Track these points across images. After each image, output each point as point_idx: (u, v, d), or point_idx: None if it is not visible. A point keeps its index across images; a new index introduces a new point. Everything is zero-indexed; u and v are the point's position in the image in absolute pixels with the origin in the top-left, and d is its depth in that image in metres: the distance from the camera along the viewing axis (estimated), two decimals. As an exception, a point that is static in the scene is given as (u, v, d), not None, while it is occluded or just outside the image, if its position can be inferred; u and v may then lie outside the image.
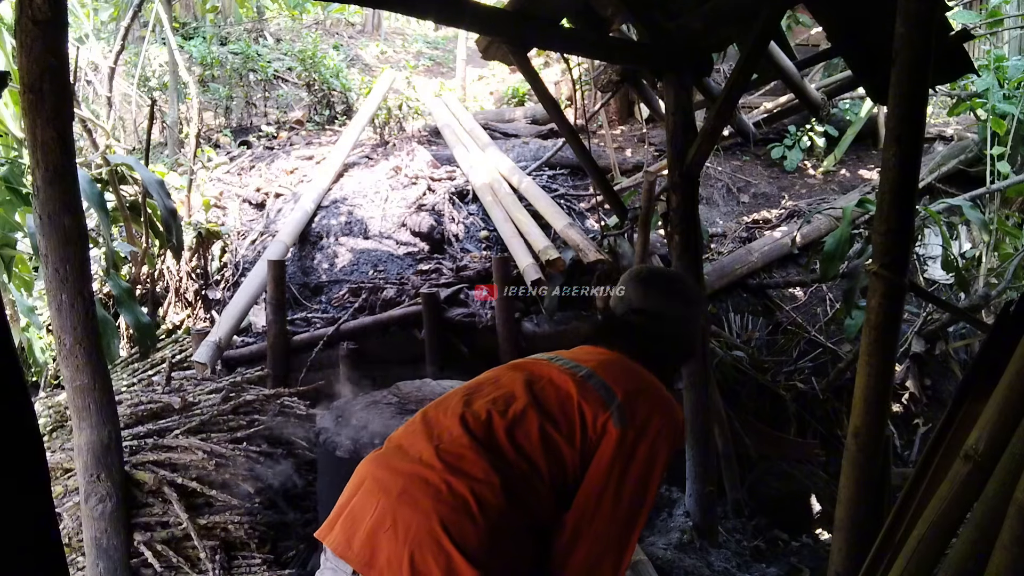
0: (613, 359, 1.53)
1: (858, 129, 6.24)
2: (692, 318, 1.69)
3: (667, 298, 1.67)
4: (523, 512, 1.33)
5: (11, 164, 3.25)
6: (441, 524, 1.26)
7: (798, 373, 4.24)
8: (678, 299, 1.67)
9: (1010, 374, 1.22)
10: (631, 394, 1.41)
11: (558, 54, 4.90)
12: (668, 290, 1.70)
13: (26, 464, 0.73)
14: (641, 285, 1.69)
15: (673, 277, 1.83)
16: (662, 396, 1.47)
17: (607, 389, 1.42)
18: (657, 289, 1.69)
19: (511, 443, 1.36)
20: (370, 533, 1.32)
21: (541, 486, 1.34)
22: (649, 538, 2.98)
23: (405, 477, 1.35)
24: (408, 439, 1.45)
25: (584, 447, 1.37)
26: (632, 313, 1.65)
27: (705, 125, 2.65)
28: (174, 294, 4.50)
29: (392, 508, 1.32)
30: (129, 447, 2.52)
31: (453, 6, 2.22)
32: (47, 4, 1.87)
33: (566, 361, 1.52)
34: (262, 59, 8.29)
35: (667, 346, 1.64)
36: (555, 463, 1.36)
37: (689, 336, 1.69)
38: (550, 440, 1.37)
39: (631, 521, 1.36)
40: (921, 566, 1.30)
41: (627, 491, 1.35)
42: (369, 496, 1.37)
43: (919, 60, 1.48)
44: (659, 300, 1.66)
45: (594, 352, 1.57)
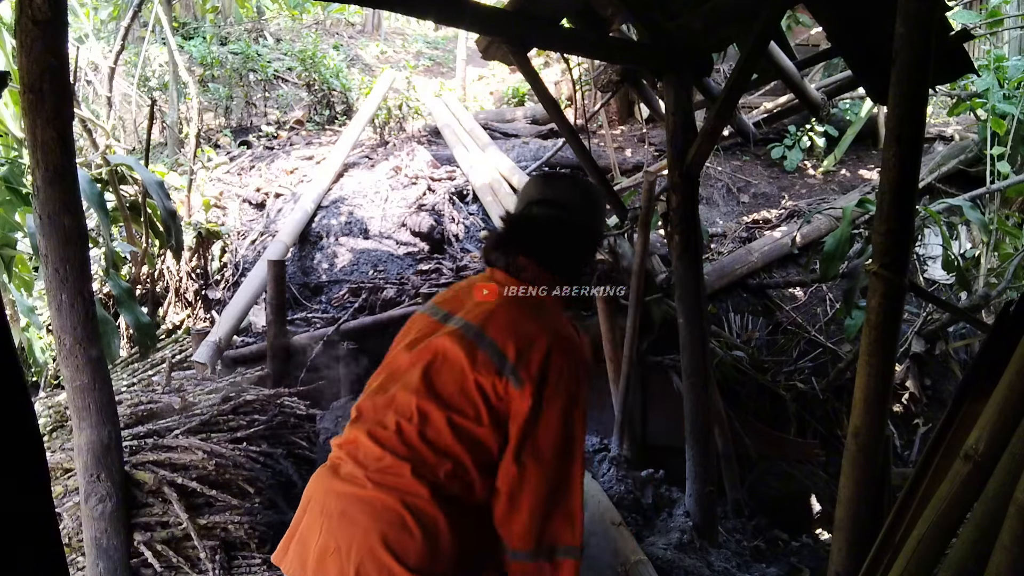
0: (504, 304, 1.48)
1: (858, 129, 6.24)
2: (595, 206, 1.65)
3: (569, 187, 1.63)
4: (461, 507, 1.35)
5: (11, 164, 3.25)
6: (381, 542, 1.30)
7: (798, 373, 4.24)
8: (579, 187, 1.64)
9: (1010, 374, 1.22)
10: (522, 349, 1.38)
11: (558, 54, 4.91)
12: (569, 182, 1.68)
13: (26, 464, 0.73)
14: (541, 181, 1.65)
15: (571, 174, 1.79)
16: (556, 334, 1.43)
17: (498, 352, 1.38)
18: (558, 180, 1.67)
19: (426, 445, 1.37)
20: (319, 558, 1.35)
21: (471, 475, 1.36)
22: (649, 538, 2.98)
23: (343, 499, 1.37)
24: (342, 457, 1.45)
25: (494, 419, 1.37)
26: (534, 205, 1.58)
27: (705, 125, 2.65)
28: (174, 294, 4.50)
29: (334, 531, 1.35)
30: (129, 447, 2.52)
31: (453, 6, 2.22)
32: (47, 4, 1.87)
33: (457, 320, 1.48)
34: (262, 59, 8.29)
35: (573, 238, 1.58)
36: (475, 448, 1.37)
37: (596, 227, 1.65)
38: (460, 430, 1.37)
39: (563, 467, 1.36)
40: (921, 566, 1.30)
41: (548, 443, 1.35)
42: (314, 519, 1.40)
43: (919, 60, 1.48)
44: (562, 190, 1.61)
45: (487, 294, 1.52)
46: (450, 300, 1.56)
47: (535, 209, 1.57)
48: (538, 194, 1.58)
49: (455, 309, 1.52)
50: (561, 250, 1.56)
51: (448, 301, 1.56)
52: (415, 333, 1.53)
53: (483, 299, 1.51)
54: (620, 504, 3.16)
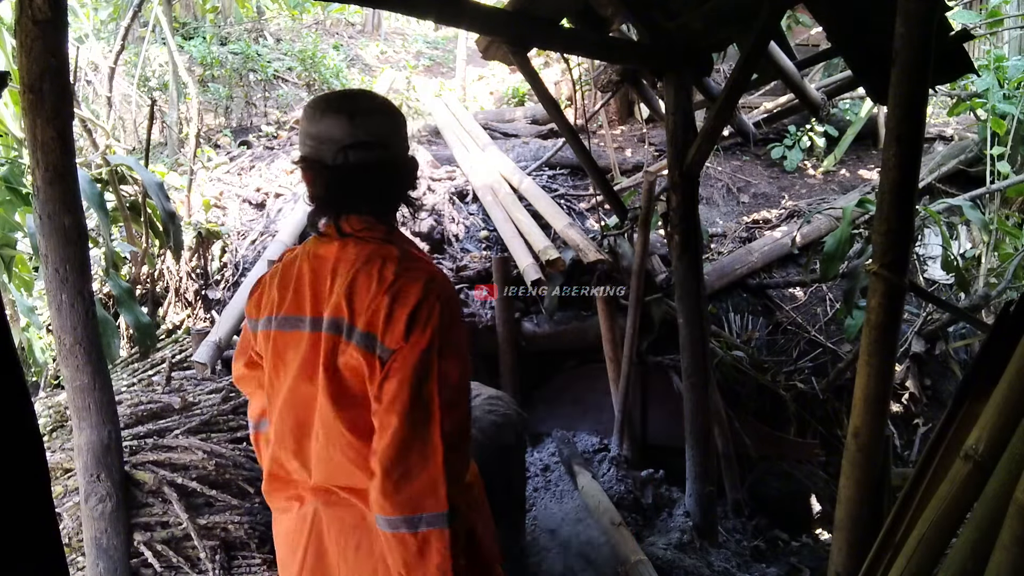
0: (354, 275, 1.29)
1: (858, 129, 6.24)
2: (402, 125, 1.40)
3: (377, 117, 1.35)
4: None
5: (11, 164, 3.25)
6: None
7: (798, 373, 4.23)
8: (385, 112, 1.37)
9: (1010, 374, 1.23)
10: (387, 317, 1.24)
11: (558, 54, 4.91)
12: (370, 105, 1.35)
13: (26, 464, 0.73)
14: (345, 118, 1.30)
15: (362, 91, 1.43)
16: (412, 283, 1.27)
17: (365, 336, 1.26)
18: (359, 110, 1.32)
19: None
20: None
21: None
22: (649, 538, 2.98)
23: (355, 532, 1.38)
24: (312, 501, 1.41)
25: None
26: (349, 151, 1.30)
27: (705, 125, 2.65)
28: (174, 294, 4.50)
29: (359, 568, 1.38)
30: (129, 447, 2.52)
31: (453, 6, 2.22)
32: (47, 4, 1.87)
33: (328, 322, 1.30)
34: (262, 59, 8.28)
35: (399, 176, 1.39)
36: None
37: (407, 152, 1.42)
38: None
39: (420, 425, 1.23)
40: (921, 566, 1.30)
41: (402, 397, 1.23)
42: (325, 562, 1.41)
43: (919, 60, 1.48)
44: (373, 124, 1.33)
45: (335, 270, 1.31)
46: (292, 298, 1.36)
47: (351, 156, 1.30)
48: (347, 135, 1.29)
49: (310, 307, 1.34)
50: (392, 195, 1.39)
51: (291, 301, 1.37)
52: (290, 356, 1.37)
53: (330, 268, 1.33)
54: (620, 504, 3.16)
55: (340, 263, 1.32)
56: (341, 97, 1.37)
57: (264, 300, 1.43)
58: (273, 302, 1.39)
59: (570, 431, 3.99)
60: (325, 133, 1.31)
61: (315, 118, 1.33)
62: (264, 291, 1.44)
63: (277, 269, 1.43)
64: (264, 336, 1.41)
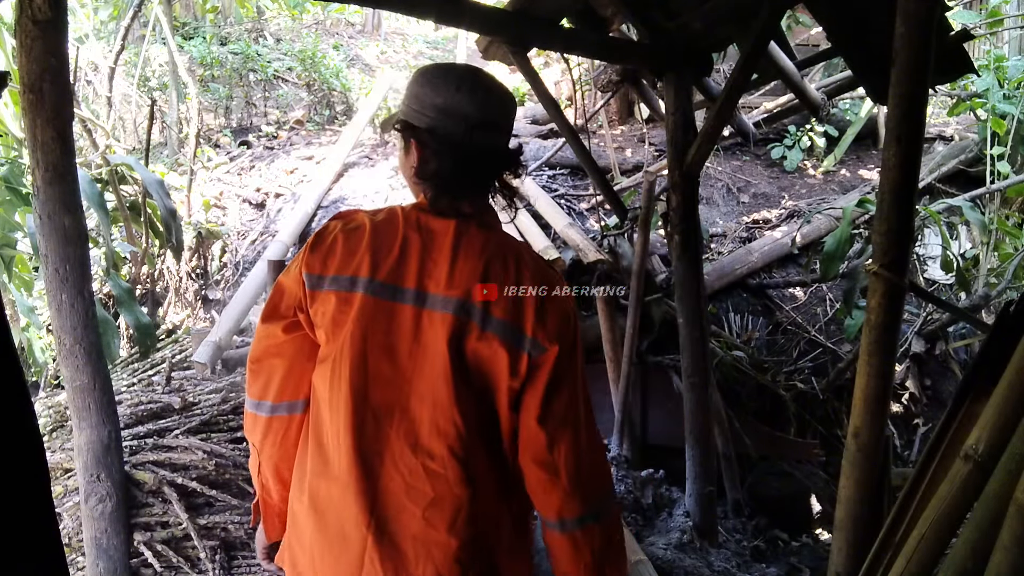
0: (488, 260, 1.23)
1: (858, 129, 6.24)
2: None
3: (502, 99, 1.30)
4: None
5: (11, 164, 3.25)
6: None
7: (798, 373, 4.24)
8: (505, 95, 1.31)
9: (1010, 374, 1.22)
10: (538, 312, 1.21)
11: (558, 54, 4.91)
12: (499, 90, 1.30)
13: (26, 464, 0.73)
14: (482, 94, 1.25)
15: (477, 69, 1.33)
16: (555, 280, 1.27)
17: (506, 326, 1.20)
18: (490, 92, 1.27)
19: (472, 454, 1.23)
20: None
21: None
22: (649, 538, 2.98)
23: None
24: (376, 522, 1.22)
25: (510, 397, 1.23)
26: (477, 130, 1.24)
27: (705, 125, 2.65)
28: (174, 294, 4.50)
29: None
30: (129, 447, 2.52)
31: (453, 6, 2.22)
32: (47, 4, 1.87)
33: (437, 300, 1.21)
34: (262, 59, 8.29)
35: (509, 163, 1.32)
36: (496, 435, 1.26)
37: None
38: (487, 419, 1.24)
39: (589, 418, 1.28)
40: (921, 566, 1.30)
41: (574, 397, 1.25)
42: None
43: (919, 60, 1.48)
44: (501, 107, 1.29)
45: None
46: (394, 265, 1.22)
47: (479, 136, 1.25)
48: (479, 113, 1.24)
49: (415, 280, 1.22)
50: (503, 181, 1.34)
51: (392, 268, 1.22)
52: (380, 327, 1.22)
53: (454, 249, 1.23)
54: (620, 504, 3.16)
55: (464, 244, 1.23)
56: (472, 72, 1.29)
57: (338, 256, 1.23)
58: (361, 262, 1.21)
59: (570, 431, 3.98)
60: (455, 107, 1.23)
61: (446, 89, 1.24)
62: (337, 245, 1.24)
63: (360, 225, 1.26)
64: (338, 298, 1.22)
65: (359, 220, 1.28)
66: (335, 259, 1.23)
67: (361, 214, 1.29)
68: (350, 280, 1.22)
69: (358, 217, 1.29)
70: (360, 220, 1.27)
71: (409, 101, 1.28)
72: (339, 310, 1.22)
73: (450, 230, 1.25)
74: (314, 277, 1.24)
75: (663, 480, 3.43)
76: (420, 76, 1.29)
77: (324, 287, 1.23)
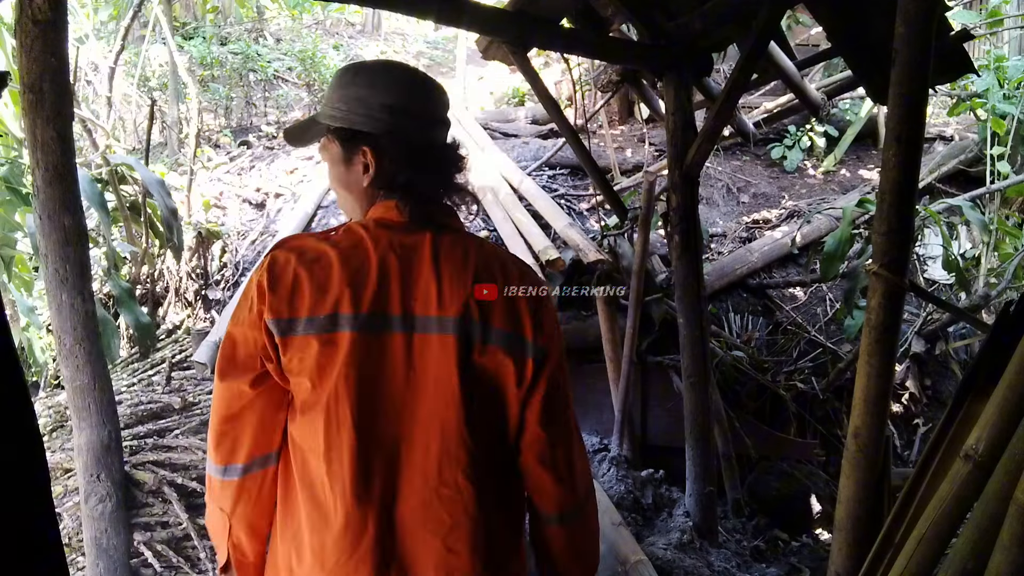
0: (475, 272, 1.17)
1: (858, 129, 6.24)
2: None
3: (439, 92, 1.24)
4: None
5: (11, 164, 3.25)
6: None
7: (798, 373, 4.24)
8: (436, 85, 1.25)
9: (1010, 374, 1.22)
10: (533, 315, 1.18)
11: (558, 54, 4.91)
12: (430, 83, 1.24)
13: (26, 464, 0.73)
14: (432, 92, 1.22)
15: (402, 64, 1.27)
16: (536, 279, 1.23)
17: (508, 336, 1.16)
18: (425, 86, 1.22)
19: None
20: None
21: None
22: (649, 538, 2.98)
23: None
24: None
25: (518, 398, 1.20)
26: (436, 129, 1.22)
27: (705, 125, 2.65)
28: (174, 294, 4.50)
29: None
30: (129, 447, 2.52)
31: (453, 6, 2.22)
32: (47, 4, 1.87)
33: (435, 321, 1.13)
34: (262, 59, 8.29)
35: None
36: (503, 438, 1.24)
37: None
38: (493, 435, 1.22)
39: (571, 414, 1.29)
40: (921, 566, 1.30)
41: (566, 396, 1.25)
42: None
43: (919, 60, 1.48)
44: (441, 99, 1.24)
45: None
46: (375, 294, 1.13)
47: (434, 134, 1.21)
48: (430, 110, 1.21)
49: (399, 306, 1.13)
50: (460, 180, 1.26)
51: (374, 297, 1.12)
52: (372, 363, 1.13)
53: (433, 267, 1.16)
54: (620, 504, 3.16)
55: (445, 257, 1.16)
56: (408, 67, 1.23)
57: (307, 295, 1.11)
58: (339, 297, 1.10)
59: (570, 431, 3.99)
60: (407, 105, 1.17)
61: (396, 87, 1.17)
62: (302, 283, 1.11)
63: (321, 254, 1.13)
64: (319, 341, 1.10)
65: (318, 249, 1.14)
66: (304, 298, 1.10)
67: (312, 241, 1.16)
68: (329, 319, 1.10)
69: (312, 245, 1.15)
70: (319, 249, 1.14)
71: (347, 105, 1.17)
72: (323, 354, 1.10)
73: (426, 244, 1.16)
74: (283, 322, 1.10)
75: (663, 480, 3.43)
76: (356, 76, 1.19)
77: (299, 331, 1.10)
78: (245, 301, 1.15)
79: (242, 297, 1.16)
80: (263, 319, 1.11)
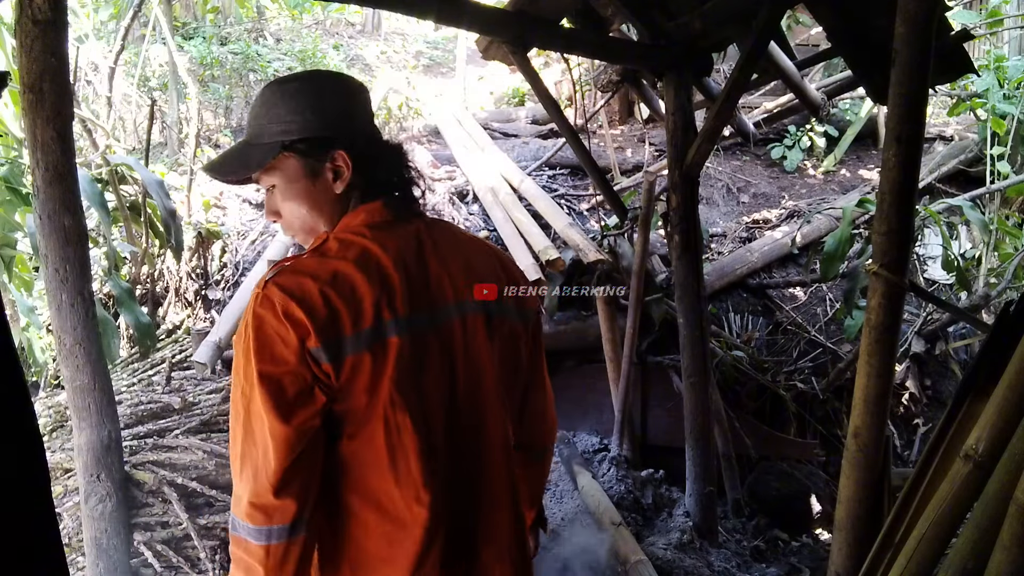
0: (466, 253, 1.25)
1: (858, 129, 6.24)
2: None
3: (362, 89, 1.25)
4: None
5: (11, 164, 3.25)
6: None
7: (798, 373, 4.24)
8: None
9: (1010, 374, 1.22)
10: (521, 285, 1.32)
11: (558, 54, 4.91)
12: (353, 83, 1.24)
13: (26, 464, 0.73)
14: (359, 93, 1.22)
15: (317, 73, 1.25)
16: (503, 253, 1.41)
17: (514, 307, 1.30)
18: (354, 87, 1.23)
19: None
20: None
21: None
22: (649, 538, 2.98)
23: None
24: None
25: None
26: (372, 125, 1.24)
27: (705, 125, 2.65)
28: (174, 294, 4.50)
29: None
30: (129, 447, 2.52)
31: (453, 6, 2.22)
32: (47, 4, 1.87)
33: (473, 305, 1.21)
34: (262, 59, 8.29)
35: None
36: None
37: None
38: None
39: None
40: (921, 566, 1.30)
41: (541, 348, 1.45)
42: None
43: (919, 60, 1.48)
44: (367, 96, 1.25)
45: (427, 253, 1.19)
46: (406, 293, 1.13)
47: (374, 132, 1.24)
48: (370, 110, 1.25)
49: (431, 297, 1.17)
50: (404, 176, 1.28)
51: (407, 295, 1.13)
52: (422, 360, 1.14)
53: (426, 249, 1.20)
54: (620, 504, 3.16)
55: (435, 243, 1.20)
56: (334, 72, 1.26)
57: (345, 313, 1.07)
58: (378, 306, 1.09)
59: (570, 431, 3.99)
60: (357, 109, 1.20)
61: (346, 94, 1.19)
62: (336, 304, 1.07)
63: (336, 272, 1.10)
64: (371, 353, 1.08)
65: (328, 268, 1.10)
66: (343, 318, 1.07)
67: (311, 263, 1.11)
68: (373, 330, 1.08)
69: (318, 266, 1.10)
70: (329, 268, 1.10)
71: (300, 116, 1.14)
72: (375, 365, 1.09)
73: (423, 236, 1.20)
74: (332, 345, 1.06)
75: (663, 480, 3.43)
76: (298, 88, 1.16)
77: (348, 350, 1.07)
78: (268, 339, 1.05)
79: (256, 336, 1.06)
80: (306, 348, 1.05)
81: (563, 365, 4.20)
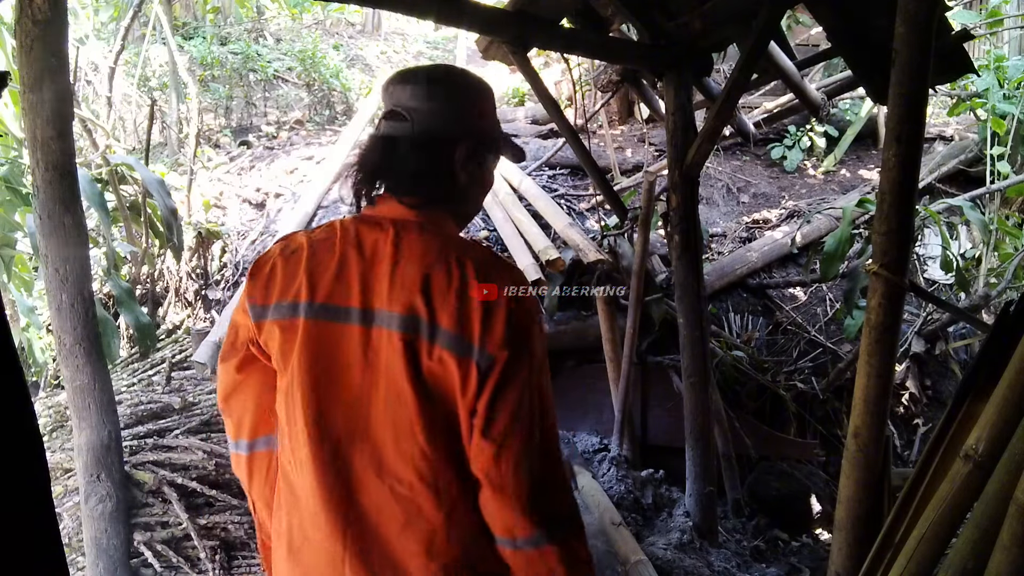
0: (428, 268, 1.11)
1: (858, 129, 6.24)
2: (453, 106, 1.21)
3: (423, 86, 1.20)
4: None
5: (11, 164, 3.25)
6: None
7: (798, 373, 4.24)
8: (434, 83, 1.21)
9: (1010, 374, 1.22)
10: (484, 318, 1.08)
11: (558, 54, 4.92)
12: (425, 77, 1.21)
13: (26, 464, 0.73)
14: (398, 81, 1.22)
15: (441, 66, 1.32)
16: (501, 280, 1.12)
17: (454, 338, 1.08)
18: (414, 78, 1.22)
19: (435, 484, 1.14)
20: None
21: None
22: (649, 538, 2.98)
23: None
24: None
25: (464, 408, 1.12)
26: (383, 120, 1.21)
27: (705, 125, 2.65)
28: (174, 294, 4.50)
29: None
30: (129, 447, 2.52)
31: (453, 6, 2.22)
32: (47, 4, 1.87)
33: (384, 316, 1.11)
34: (262, 59, 8.29)
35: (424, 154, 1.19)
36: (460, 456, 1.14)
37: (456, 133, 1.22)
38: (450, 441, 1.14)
39: (543, 433, 1.15)
40: (921, 566, 1.30)
41: (524, 409, 1.11)
42: None
43: (919, 60, 1.48)
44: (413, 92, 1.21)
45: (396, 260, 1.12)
46: (332, 284, 1.14)
47: (384, 126, 1.21)
48: (391, 101, 1.21)
49: (358, 297, 1.13)
50: (426, 176, 1.19)
51: (331, 287, 1.14)
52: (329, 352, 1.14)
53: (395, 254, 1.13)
54: (620, 504, 3.16)
55: (405, 252, 1.13)
56: (410, 71, 1.26)
57: (278, 283, 1.17)
58: (300, 286, 1.14)
59: (570, 431, 3.99)
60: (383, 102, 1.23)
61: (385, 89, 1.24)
62: (275, 271, 1.18)
63: (299, 247, 1.18)
64: (281, 327, 1.15)
65: (298, 241, 1.20)
66: (275, 286, 1.17)
67: (300, 235, 1.22)
68: (290, 306, 1.14)
69: (297, 238, 1.21)
70: (299, 241, 1.20)
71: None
72: (284, 339, 1.15)
73: (389, 239, 1.14)
74: (257, 307, 1.18)
75: (663, 480, 3.43)
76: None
77: (268, 317, 1.17)
78: (244, 289, 1.24)
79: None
80: (245, 304, 1.21)
81: (563, 365, 4.20)
